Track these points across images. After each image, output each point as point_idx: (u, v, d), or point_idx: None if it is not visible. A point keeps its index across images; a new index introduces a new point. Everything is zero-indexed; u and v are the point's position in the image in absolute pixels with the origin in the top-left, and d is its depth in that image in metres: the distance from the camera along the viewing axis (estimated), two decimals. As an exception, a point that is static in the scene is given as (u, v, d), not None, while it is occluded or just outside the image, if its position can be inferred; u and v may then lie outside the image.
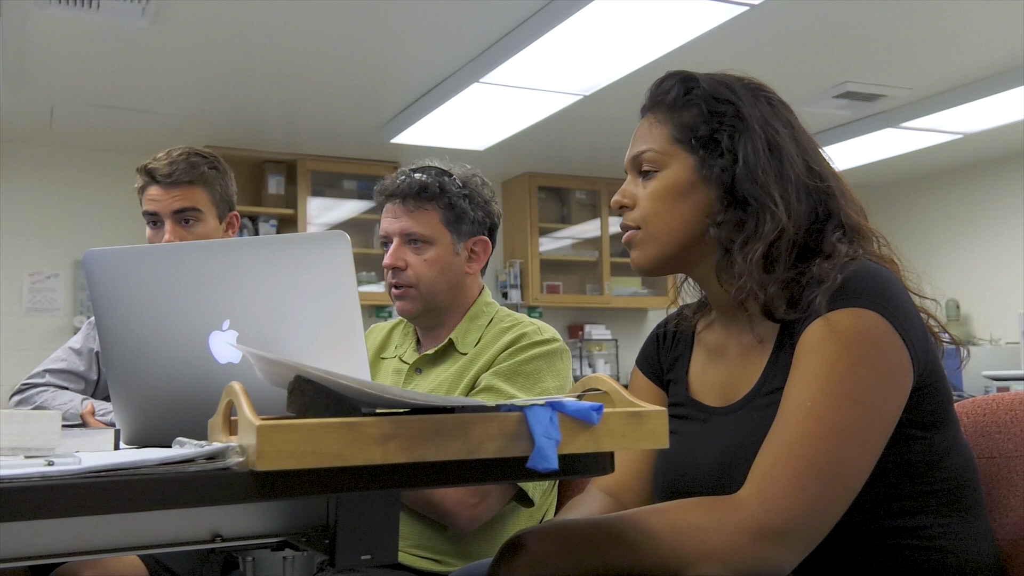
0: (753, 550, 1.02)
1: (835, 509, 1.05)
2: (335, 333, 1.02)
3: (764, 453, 1.07)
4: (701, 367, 1.31)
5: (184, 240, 1.98)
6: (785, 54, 4.35)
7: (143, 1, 3.54)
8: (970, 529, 1.14)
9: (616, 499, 1.30)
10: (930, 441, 1.13)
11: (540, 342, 1.65)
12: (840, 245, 1.15)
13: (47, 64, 4.25)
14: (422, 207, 1.71)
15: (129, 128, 5.23)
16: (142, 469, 0.73)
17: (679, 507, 1.09)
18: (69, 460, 0.75)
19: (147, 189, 2.01)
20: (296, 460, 0.74)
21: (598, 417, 0.85)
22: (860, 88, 4.85)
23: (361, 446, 0.77)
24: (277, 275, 1.03)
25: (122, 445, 1.11)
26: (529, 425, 0.83)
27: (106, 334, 1.10)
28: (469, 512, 1.50)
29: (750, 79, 1.26)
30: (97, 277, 1.09)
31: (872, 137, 5.54)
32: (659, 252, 1.23)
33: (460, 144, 5.40)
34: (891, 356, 1.07)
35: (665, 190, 1.22)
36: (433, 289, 1.71)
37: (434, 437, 0.80)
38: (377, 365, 1.84)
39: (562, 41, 3.82)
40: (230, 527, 0.96)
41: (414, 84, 4.63)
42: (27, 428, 0.77)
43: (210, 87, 4.65)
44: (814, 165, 1.21)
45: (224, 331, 1.05)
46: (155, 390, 1.09)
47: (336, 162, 5.89)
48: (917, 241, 6.90)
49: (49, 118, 5.05)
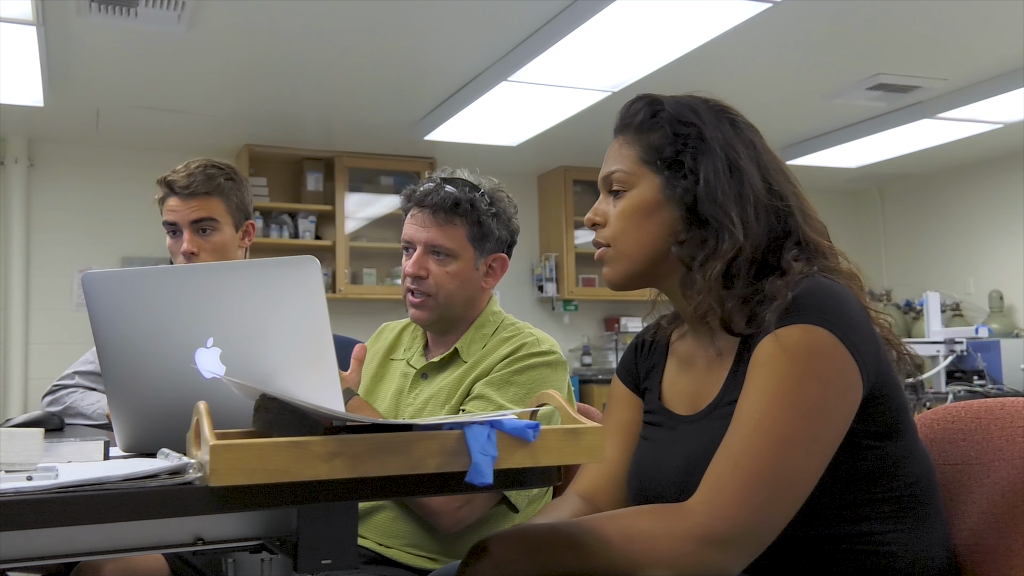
0: (699, 556, 1.08)
1: (780, 517, 1.10)
2: (308, 349, 1.09)
3: (714, 463, 1.12)
4: (673, 376, 1.37)
5: (202, 248, 2.08)
6: (815, 47, 4.34)
7: (178, 8, 3.66)
8: (923, 534, 1.18)
9: (591, 503, 1.36)
10: (883, 450, 1.17)
11: (537, 353, 1.70)
12: (795, 263, 1.20)
13: (91, 69, 4.41)
14: (451, 222, 1.74)
15: (171, 128, 5.39)
16: (107, 484, 0.81)
17: (631, 514, 1.15)
18: (47, 475, 0.83)
19: (167, 200, 2.11)
20: (247, 476, 0.82)
21: (534, 435, 0.91)
22: (893, 80, 4.81)
23: (308, 463, 0.84)
24: (255, 296, 1.11)
25: (119, 452, 1.20)
26: (467, 443, 0.89)
27: (103, 349, 1.19)
28: (452, 515, 1.57)
29: (716, 101, 1.31)
30: (94, 297, 1.17)
31: (910, 128, 5.50)
32: (628, 269, 1.29)
33: (493, 140, 5.46)
34: (839, 370, 1.12)
35: (633, 209, 1.27)
36: (451, 301, 1.76)
37: (377, 454, 0.87)
38: (386, 365, 1.90)
39: (588, 39, 3.85)
40: (211, 531, 1.04)
41: (445, 82, 4.71)
42: (12, 444, 0.86)
43: (248, 88, 4.78)
44: (775, 185, 1.25)
45: (208, 348, 1.13)
46: (147, 402, 1.17)
47: (373, 159, 5.99)
48: (959, 231, 6.83)
49: (95, 120, 5.22)
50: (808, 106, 5.27)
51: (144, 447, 1.19)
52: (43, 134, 5.53)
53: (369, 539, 1.68)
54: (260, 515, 1.05)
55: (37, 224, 5.60)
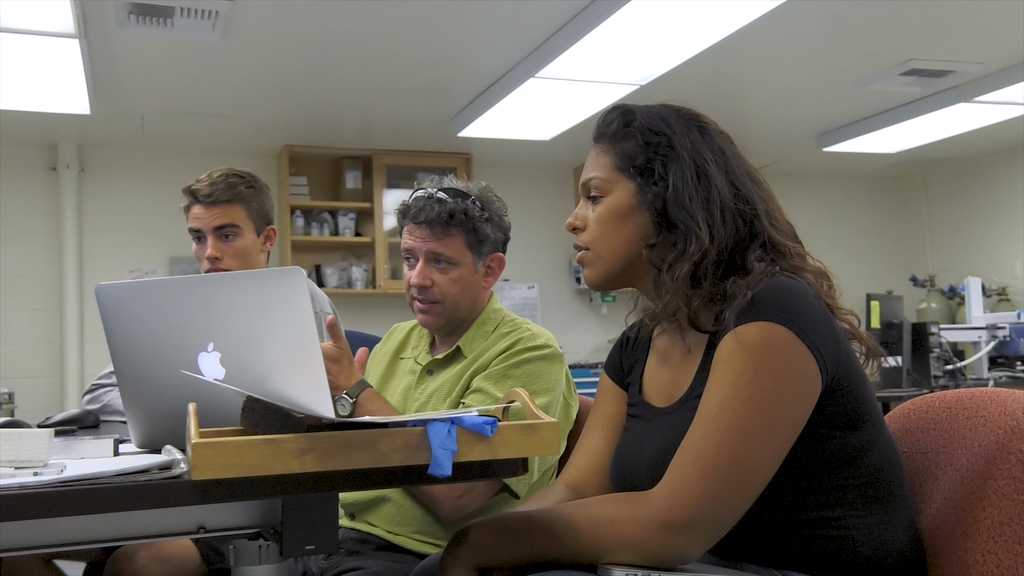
0: (660, 540, 1.15)
1: (738, 504, 1.17)
2: (296, 351, 1.17)
3: (678, 453, 1.20)
4: (652, 371, 1.44)
5: (225, 252, 2.19)
6: (844, 35, 4.34)
7: (212, 17, 3.79)
8: (887, 520, 1.24)
9: (577, 491, 1.44)
10: (845, 440, 1.23)
11: (532, 348, 1.79)
12: (758, 264, 1.26)
13: (133, 77, 4.57)
14: (448, 233, 1.82)
15: (213, 132, 5.56)
16: (101, 479, 0.91)
17: (598, 502, 1.23)
18: (52, 471, 0.94)
19: (191, 208, 2.23)
20: (225, 471, 0.91)
21: (492, 431, 0.99)
22: (926, 65, 4.79)
23: (281, 458, 0.93)
24: (247, 304, 1.20)
25: (133, 449, 1.31)
26: (429, 438, 0.98)
27: (116, 354, 1.29)
28: (453, 503, 1.67)
29: (687, 110, 1.37)
30: (107, 306, 1.28)
31: (947, 112, 5.45)
32: (605, 270, 1.37)
33: (525, 135, 5.54)
34: (795, 364, 1.18)
35: (608, 214, 1.35)
36: (456, 305, 1.85)
37: (345, 450, 0.95)
38: (395, 364, 2.01)
39: (615, 33, 3.89)
40: (212, 520, 1.14)
41: (476, 80, 4.80)
42: (21, 444, 0.96)
43: (285, 90, 4.91)
44: (742, 190, 1.32)
45: (209, 352, 1.23)
46: (156, 402, 1.28)
47: (409, 156, 6.10)
48: (1006, 215, 6.73)
49: (140, 125, 5.40)
50: (841, 93, 5.25)
51: (155, 443, 1.29)
52: (92, 140, 5.73)
53: (379, 528, 1.78)
54: (255, 506, 1.15)
55: (89, 227, 5.81)
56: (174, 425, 1.26)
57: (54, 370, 5.69)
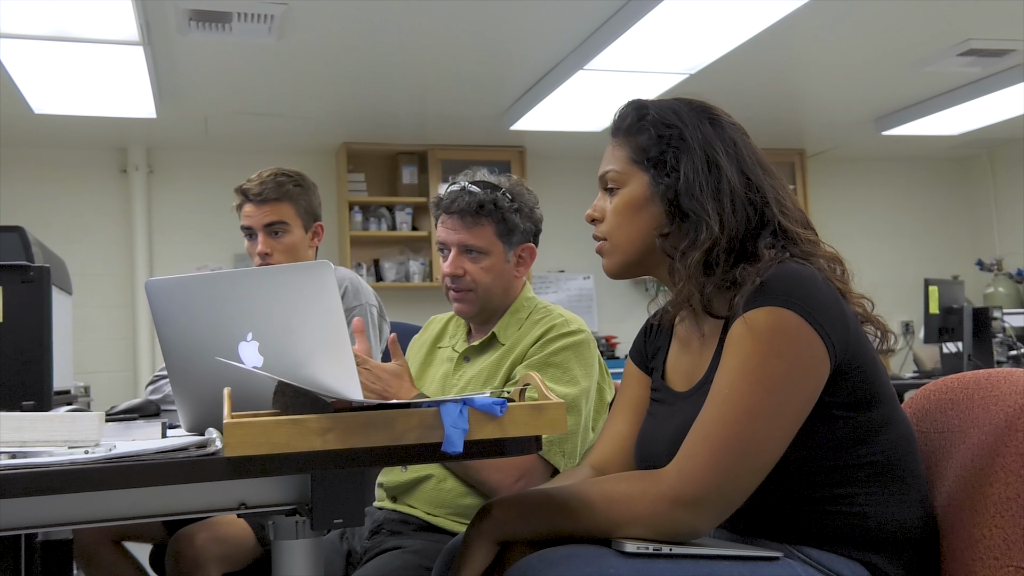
0: (671, 515, 1.21)
1: (746, 481, 1.21)
2: (325, 339, 1.26)
3: (689, 433, 1.25)
4: (674, 356, 1.49)
5: (275, 248, 2.30)
6: (900, 15, 4.28)
7: (268, 21, 3.92)
8: (899, 498, 1.28)
9: (600, 472, 1.49)
10: (856, 419, 1.27)
11: (566, 334, 1.86)
12: (768, 250, 1.30)
13: (196, 81, 4.74)
14: (479, 223, 1.90)
15: (272, 131, 5.72)
16: (144, 456, 1.00)
17: (613, 479, 1.29)
18: (102, 450, 1.03)
19: (243, 207, 2.34)
20: (254, 448, 1.00)
21: (501, 411, 1.06)
22: (984, 45, 4.70)
23: (305, 437, 1.02)
24: (282, 297, 1.28)
25: (181, 432, 1.41)
26: (442, 418, 1.05)
27: (165, 345, 1.39)
28: (509, 488, 1.74)
29: (700, 103, 1.42)
30: (156, 300, 1.38)
31: (1009, 92, 5.34)
32: (622, 260, 1.43)
33: (577, 127, 5.58)
34: (803, 347, 1.22)
35: (624, 206, 1.40)
36: (489, 293, 1.93)
37: (364, 429, 1.03)
38: (433, 353, 2.09)
39: (663, 22, 3.90)
40: (253, 497, 1.23)
41: (527, 74, 4.86)
42: (75, 425, 1.06)
43: (341, 90, 5.04)
44: (753, 179, 1.36)
45: (249, 341, 1.32)
46: (201, 388, 1.37)
47: (463, 150, 6.19)
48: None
49: (204, 127, 5.59)
50: (899, 75, 5.18)
51: (201, 427, 1.39)
52: (159, 143, 5.94)
53: (418, 509, 1.87)
54: (290, 484, 1.23)
55: (158, 226, 6.03)
56: (218, 410, 1.35)
57: (127, 364, 5.92)
